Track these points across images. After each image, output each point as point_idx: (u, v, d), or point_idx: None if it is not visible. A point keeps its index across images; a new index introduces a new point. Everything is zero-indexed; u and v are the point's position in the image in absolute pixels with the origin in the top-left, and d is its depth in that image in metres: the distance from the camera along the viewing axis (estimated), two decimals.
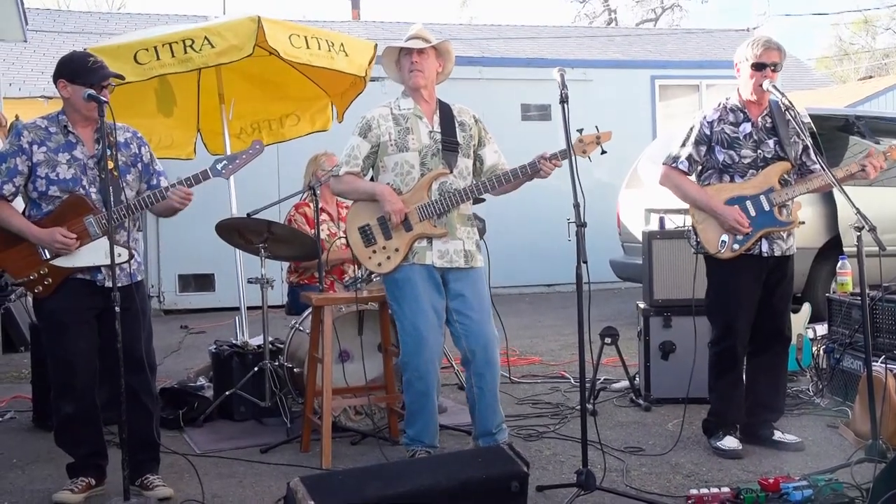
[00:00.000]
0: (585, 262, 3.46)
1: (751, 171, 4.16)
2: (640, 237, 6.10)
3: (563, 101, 3.68)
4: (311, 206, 5.17)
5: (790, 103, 4.10)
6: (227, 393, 5.02)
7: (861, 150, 6.45)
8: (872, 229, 3.67)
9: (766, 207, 4.12)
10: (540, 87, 11.09)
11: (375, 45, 6.13)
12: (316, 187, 5.06)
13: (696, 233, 4.25)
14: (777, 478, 3.49)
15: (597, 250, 4.40)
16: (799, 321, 5.56)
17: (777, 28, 22.62)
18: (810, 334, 5.60)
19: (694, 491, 3.48)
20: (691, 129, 4.28)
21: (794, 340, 5.07)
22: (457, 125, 4.12)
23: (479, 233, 4.25)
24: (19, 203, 3.81)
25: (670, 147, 4.38)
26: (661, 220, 5.81)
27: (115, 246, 3.51)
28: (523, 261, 11.10)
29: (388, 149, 4.05)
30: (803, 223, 4.32)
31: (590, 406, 4.71)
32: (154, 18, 16.65)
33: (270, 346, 5.04)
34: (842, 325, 5.14)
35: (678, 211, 5.40)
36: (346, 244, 4.89)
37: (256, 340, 5.29)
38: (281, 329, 5.67)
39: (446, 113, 4.14)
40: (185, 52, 5.27)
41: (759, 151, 4.16)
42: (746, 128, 4.19)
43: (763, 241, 4.15)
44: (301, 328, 5.05)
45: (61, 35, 14.92)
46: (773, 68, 4.11)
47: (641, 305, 5.34)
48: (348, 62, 5.87)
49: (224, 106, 6.36)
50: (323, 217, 5.33)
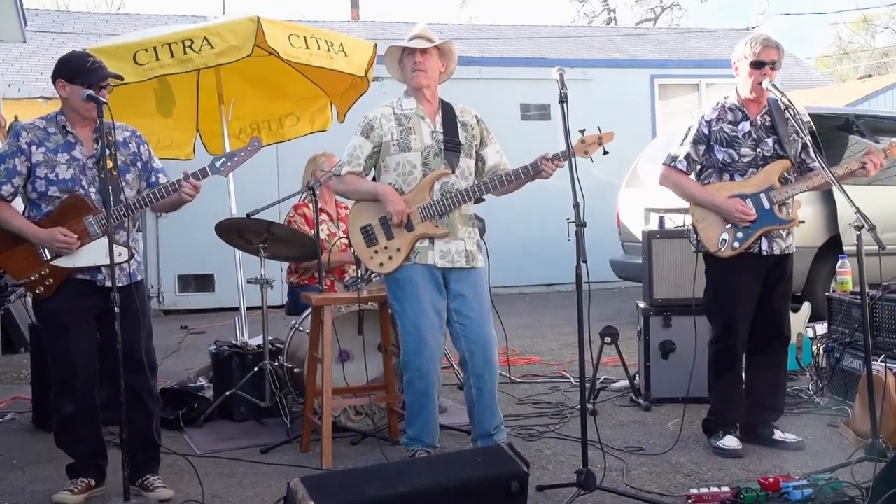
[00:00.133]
0: (585, 262, 3.45)
1: (750, 169, 4.16)
2: (639, 237, 6.10)
3: (563, 100, 3.67)
4: (311, 206, 5.17)
5: (789, 102, 4.11)
6: (227, 393, 5.02)
7: (861, 149, 6.44)
8: (872, 228, 3.67)
9: (767, 205, 4.12)
10: (539, 86, 11.10)
11: (375, 46, 6.13)
12: (315, 188, 5.05)
13: (696, 231, 4.25)
14: (777, 477, 3.49)
15: (596, 250, 4.40)
16: (799, 320, 5.56)
17: (776, 27, 22.64)
18: (810, 333, 5.60)
19: (694, 490, 3.48)
20: (689, 128, 4.28)
21: (794, 340, 5.07)
22: (459, 125, 4.11)
23: (479, 232, 4.24)
24: (18, 204, 3.80)
25: (670, 147, 4.38)
26: (661, 220, 5.81)
27: (115, 245, 3.50)
28: (523, 260, 11.10)
29: (391, 149, 4.04)
30: (803, 222, 4.32)
31: (590, 406, 4.71)
32: (153, 19, 16.65)
33: (270, 346, 5.04)
34: (842, 325, 5.14)
35: (678, 210, 5.39)
36: (347, 244, 4.90)
37: (256, 341, 5.28)
38: (281, 329, 5.66)
39: (448, 113, 4.12)
40: (185, 52, 5.27)
41: (758, 150, 4.16)
42: (745, 126, 4.18)
43: (763, 239, 4.15)
44: (301, 328, 5.05)
45: (60, 36, 14.92)
46: (772, 66, 4.11)
47: (641, 305, 5.34)
48: (348, 62, 5.87)
49: (223, 106, 6.35)
50: (322, 217, 5.33)
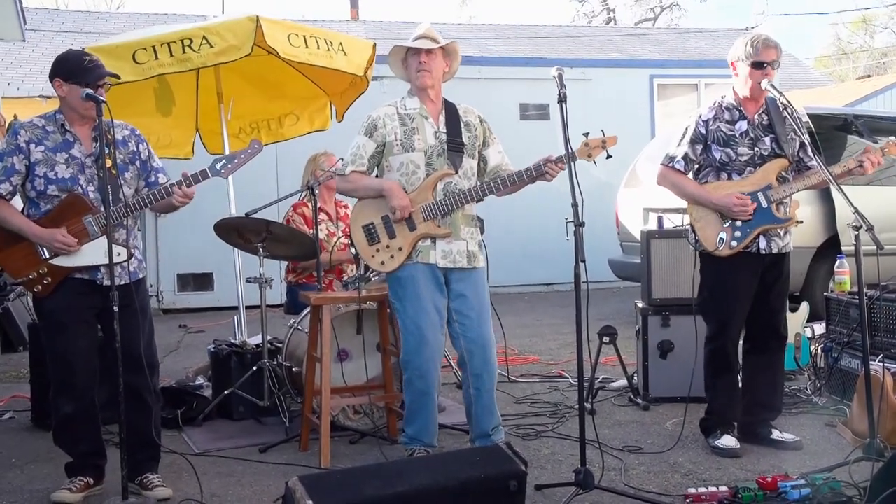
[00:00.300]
0: (584, 262, 3.45)
1: (748, 168, 4.17)
2: (638, 236, 6.10)
3: (562, 100, 3.67)
4: (310, 205, 5.17)
5: (787, 101, 4.11)
6: (225, 392, 5.03)
7: (859, 149, 6.44)
8: (870, 228, 3.68)
9: (765, 204, 4.12)
10: (538, 86, 11.10)
11: (374, 45, 6.13)
12: (314, 187, 5.05)
13: (694, 231, 4.25)
14: (775, 476, 3.49)
15: (595, 250, 4.41)
16: (797, 320, 5.57)
17: (776, 27, 22.62)
18: (808, 333, 5.61)
19: (692, 490, 3.48)
20: (687, 128, 4.29)
21: (792, 339, 5.07)
22: (462, 125, 4.11)
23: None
24: (17, 203, 3.80)
25: (668, 147, 4.39)
26: (660, 220, 5.82)
27: (113, 245, 3.50)
28: (522, 260, 11.11)
29: (394, 148, 4.04)
30: (801, 222, 4.32)
31: (588, 405, 4.72)
32: (153, 18, 16.64)
33: (269, 345, 5.03)
34: (840, 324, 5.14)
35: (676, 210, 5.40)
36: (346, 244, 4.90)
37: (255, 340, 5.28)
38: (279, 328, 5.66)
39: (452, 113, 4.12)
40: (184, 51, 5.27)
41: (755, 149, 4.17)
42: (742, 125, 4.19)
43: (760, 238, 4.16)
44: (300, 327, 5.05)
45: (60, 34, 14.92)
46: (771, 66, 4.12)
47: (640, 304, 5.34)
48: (347, 61, 5.87)
49: (223, 105, 6.36)
50: (321, 217, 5.33)
